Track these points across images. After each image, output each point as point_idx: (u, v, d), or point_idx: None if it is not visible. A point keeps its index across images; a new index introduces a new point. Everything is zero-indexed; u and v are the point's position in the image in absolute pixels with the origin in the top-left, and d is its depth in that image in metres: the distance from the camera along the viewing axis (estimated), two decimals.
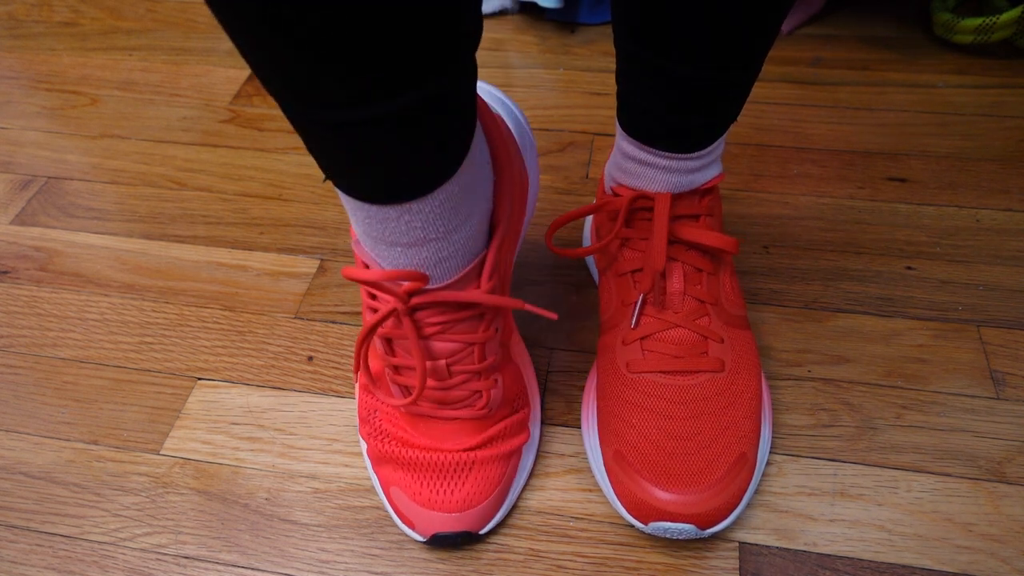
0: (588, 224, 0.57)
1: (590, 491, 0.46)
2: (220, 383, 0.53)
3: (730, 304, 0.47)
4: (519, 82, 0.79)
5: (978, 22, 0.72)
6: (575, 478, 0.47)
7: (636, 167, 0.44)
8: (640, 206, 0.45)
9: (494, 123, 0.41)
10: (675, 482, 0.41)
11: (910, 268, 0.57)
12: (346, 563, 0.44)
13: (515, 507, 0.46)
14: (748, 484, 0.42)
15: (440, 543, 0.42)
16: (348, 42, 0.26)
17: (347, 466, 0.48)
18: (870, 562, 0.42)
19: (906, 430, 0.48)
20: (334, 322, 0.57)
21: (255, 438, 0.50)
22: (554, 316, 0.40)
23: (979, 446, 0.47)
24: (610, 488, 0.43)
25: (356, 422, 0.50)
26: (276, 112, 0.76)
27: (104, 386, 0.54)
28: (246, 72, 0.82)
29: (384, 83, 0.28)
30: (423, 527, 0.42)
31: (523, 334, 0.52)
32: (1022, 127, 0.69)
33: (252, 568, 0.44)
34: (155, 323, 0.57)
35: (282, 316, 0.57)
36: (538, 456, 0.48)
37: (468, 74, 0.32)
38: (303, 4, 0.24)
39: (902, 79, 0.75)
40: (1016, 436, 0.47)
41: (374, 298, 0.40)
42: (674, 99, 0.39)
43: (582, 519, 0.45)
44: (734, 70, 0.38)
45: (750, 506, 0.45)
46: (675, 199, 0.44)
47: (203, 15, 0.92)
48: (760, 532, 0.44)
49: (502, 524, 0.45)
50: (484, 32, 0.83)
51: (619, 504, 0.42)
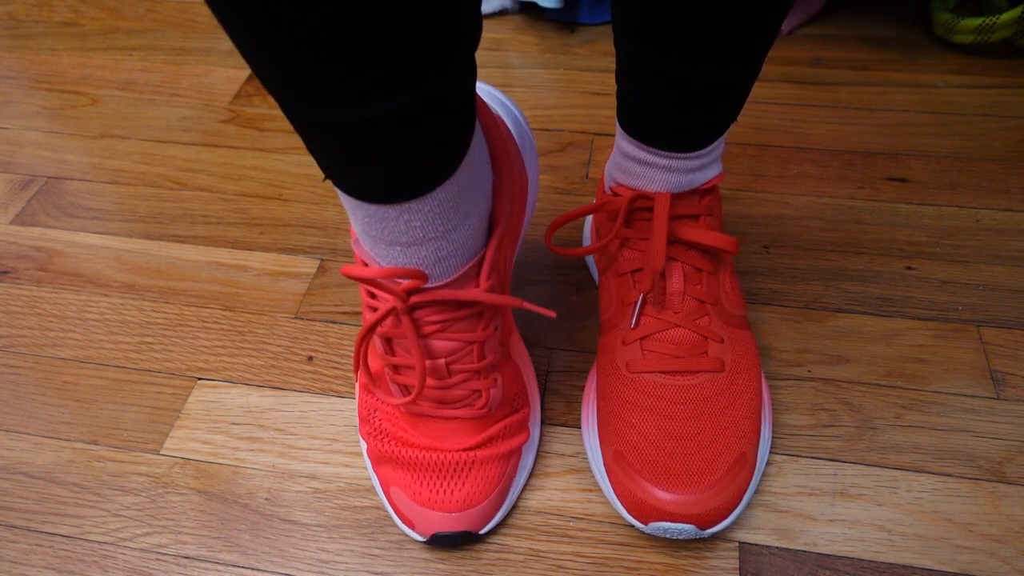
0: (588, 224, 0.57)
1: (590, 491, 0.46)
2: (220, 383, 0.53)
3: (730, 304, 0.46)
4: (519, 82, 0.79)
5: (978, 22, 0.72)
6: (575, 478, 0.47)
7: (636, 167, 0.44)
8: (640, 206, 0.45)
9: (493, 123, 0.41)
10: (675, 482, 0.41)
11: (910, 268, 0.57)
12: (346, 563, 0.44)
13: (515, 507, 0.46)
14: (748, 484, 0.42)
15: (440, 543, 0.42)
16: (348, 42, 0.26)
17: (347, 466, 0.48)
18: (870, 562, 0.42)
19: (906, 430, 0.48)
20: (334, 322, 0.57)
21: (255, 438, 0.50)
22: (553, 314, 0.40)
23: (979, 446, 0.47)
24: (610, 488, 0.43)
25: (356, 422, 0.50)
26: (276, 112, 0.76)
27: (104, 386, 0.54)
28: (246, 72, 0.82)
29: (384, 83, 0.28)
30: (423, 527, 0.42)
31: (523, 334, 0.52)
32: (1022, 127, 0.69)
33: (252, 568, 0.44)
34: (155, 323, 0.57)
35: (282, 316, 0.57)
36: (538, 456, 0.48)
37: (468, 74, 0.32)
38: (303, 4, 0.24)
39: (902, 79, 0.75)
40: (1016, 436, 0.47)
41: (373, 297, 0.40)
42: (674, 99, 0.39)
43: (582, 519, 0.45)
44: (734, 70, 0.38)
45: (750, 506, 0.45)
46: (675, 199, 0.44)
47: (203, 15, 0.92)
48: (760, 532, 0.44)
49: (502, 524, 0.45)
50: (484, 32, 0.83)
51: (619, 504, 0.42)
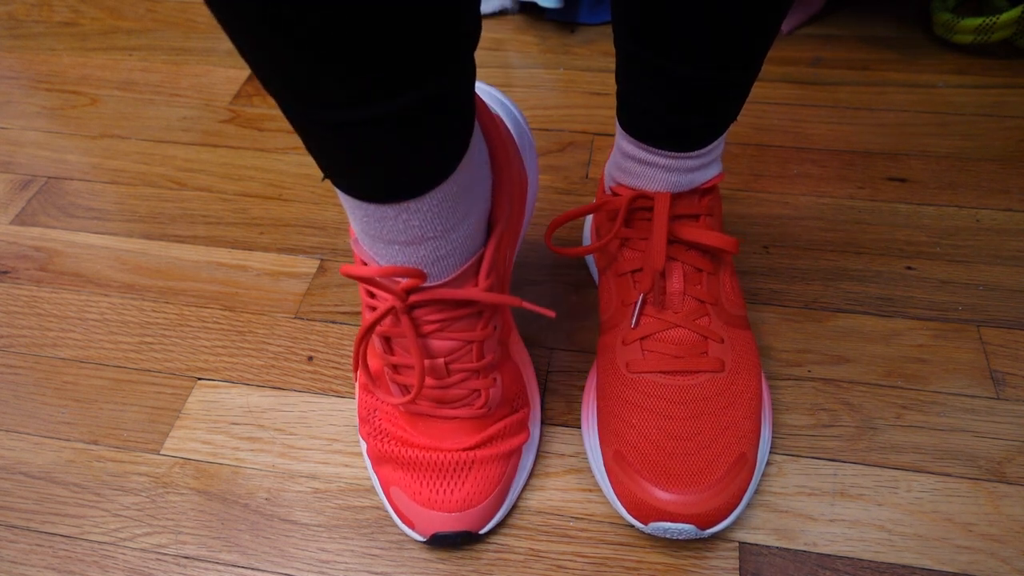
0: (588, 224, 0.57)
1: (590, 491, 0.46)
2: (220, 383, 0.53)
3: (730, 304, 0.46)
4: (519, 82, 0.79)
5: (978, 22, 0.72)
6: (575, 478, 0.47)
7: (636, 166, 0.44)
8: (640, 206, 0.45)
9: (493, 123, 0.41)
10: (675, 482, 0.41)
11: (910, 268, 0.57)
12: (346, 563, 0.44)
13: (515, 507, 0.46)
14: (748, 484, 0.42)
15: (440, 543, 0.42)
16: (348, 42, 0.26)
17: (347, 466, 0.48)
18: (870, 562, 0.42)
19: (906, 430, 0.48)
20: (334, 322, 0.57)
21: (255, 438, 0.50)
22: (552, 314, 0.40)
23: (979, 446, 0.47)
24: (610, 488, 0.43)
25: (356, 422, 0.50)
26: (276, 112, 0.76)
27: (104, 386, 0.54)
28: (246, 72, 0.82)
29: (384, 83, 0.28)
30: (423, 527, 0.42)
31: (523, 334, 0.52)
32: (1022, 127, 0.69)
33: (252, 568, 0.44)
34: (155, 323, 0.57)
35: (282, 316, 0.57)
36: (538, 456, 0.48)
37: (467, 74, 0.32)
38: (303, 4, 0.24)
39: (902, 79, 0.75)
40: (1016, 436, 0.47)
41: (372, 296, 0.40)
42: (674, 99, 0.39)
43: (582, 519, 0.45)
44: (734, 70, 0.38)
45: (750, 506, 0.45)
46: (675, 199, 0.44)
47: (203, 15, 0.92)
48: (760, 532, 0.44)
49: (502, 524, 0.45)
50: (484, 32, 0.83)
51: (619, 504, 0.42)
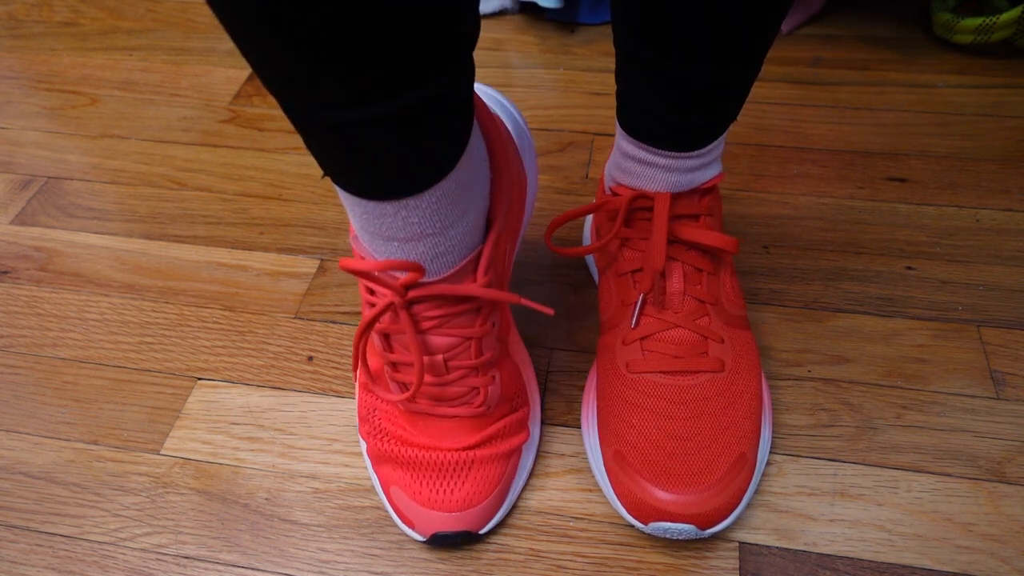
0: (588, 224, 0.57)
1: (590, 491, 0.46)
2: (220, 383, 0.53)
3: (730, 304, 0.46)
4: (519, 82, 0.79)
5: (978, 22, 0.72)
6: (575, 478, 0.47)
7: (636, 166, 0.44)
8: (640, 206, 0.45)
9: (492, 123, 0.41)
10: (675, 482, 0.41)
11: (910, 268, 0.57)
12: (346, 563, 0.44)
13: (515, 507, 0.46)
14: (748, 484, 0.42)
15: (440, 543, 0.42)
16: (348, 43, 0.26)
17: (347, 466, 0.48)
18: (870, 562, 0.42)
19: (906, 430, 0.48)
20: (334, 322, 0.57)
21: (255, 438, 0.50)
22: (550, 311, 0.40)
23: (979, 446, 0.47)
24: (610, 488, 0.43)
25: (356, 422, 0.50)
26: (276, 112, 0.76)
27: (104, 386, 0.54)
28: (246, 72, 0.82)
29: (384, 83, 0.28)
30: (423, 526, 0.42)
31: (523, 334, 0.52)
32: (1022, 127, 0.69)
33: (252, 568, 0.44)
34: (155, 323, 0.57)
35: (282, 316, 0.57)
36: (538, 456, 0.48)
37: (467, 74, 0.32)
38: (303, 4, 0.25)
39: (902, 79, 0.75)
40: (1016, 436, 0.47)
41: (372, 293, 0.40)
42: (674, 99, 0.39)
43: (582, 519, 0.45)
44: (734, 70, 0.38)
45: (750, 506, 0.45)
46: (675, 199, 0.44)
47: (203, 15, 0.92)
48: (760, 532, 0.44)
49: (502, 524, 0.45)
50: (484, 32, 0.83)
51: (619, 504, 0.42)
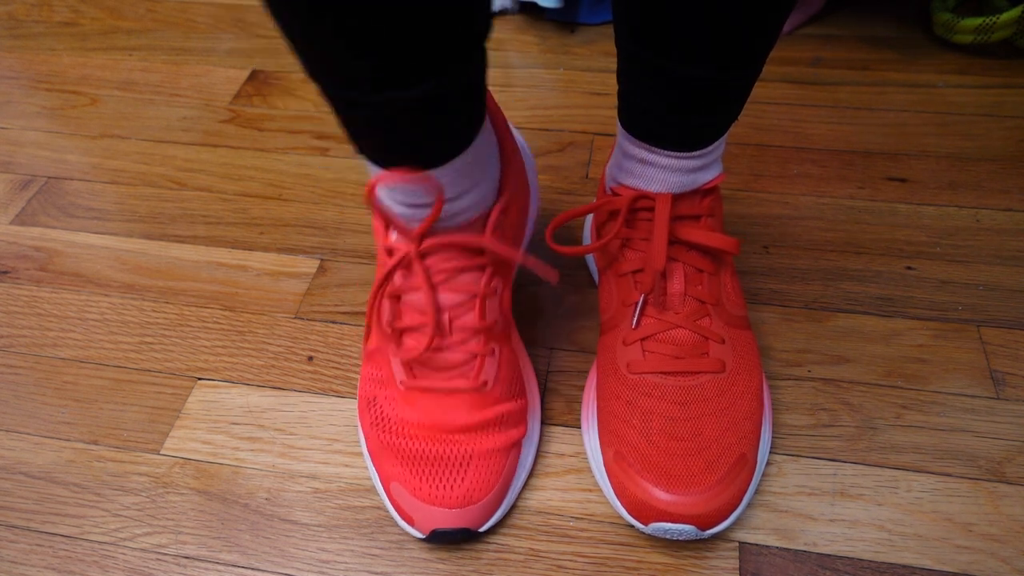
0: (588, 224, 0.57)
1: (590, 491, 0.46)
2: (220, 383, 0.53)
3: (731, 304, 0.46)
4: (519, 82, 0.79)
5: (978, 22, 0.72)
6: (575, 478, 0.47)
7: (637, 166, 0.44)
8: (641, 206, 0.45)
9: (498, 110, 0.47)
10: (675, 483, 0.41)
11: (910, 268, 0.57)
12: (346, 563, 0.44)
13: (515, 507, 0.46)
14: (748, 485, 0.42)
15: (439, 540, 0.42)
16: (381, 37, 0.31)
17: (347, 466, 0.48)
18: (870, 562, 0.42)
19: (906, 430, 0.48)
20: (334, 322, 0.57)
21: (255, 438, 0.50)
22: (554, 278, 0.43)
23: (979, 446, 0.47)
24: (610, 488, 0.43)
25: (356, 422, 0.50)
26: (276, 112, 0.77)
27: (104, 386, 0.54)
28: (246, 72, 0.82)
29: (412, 71, 0.32)
30: (423, 523, 0.42)
31: (523, 334, 0.52)
32: (1022, 127, 0.69)
33: (252, 568, 0.44)
34: (155, 323, 0.57)
35: (282, 316, 0.57)
36: (538, 456, 0.48)
37: (481, 63, 0.36)
38: (345, 10, 0.29)
39: (902, 79, 0.75)
40: (1016, 436, 0.47)
41: (391, 254, 0.43)
42: (675, 99, 0.39)
43: (582, 519, 0.45)
44: (735, 70, 0.38)
45: (750, 506, 0.45)
46: (676, 199, 0.44)
47: (203, 15, 0.92)
48: (760, 532, 0.44)
49: (502, 524, 0.45)
50: None
51: (619, 504, 0.42)
